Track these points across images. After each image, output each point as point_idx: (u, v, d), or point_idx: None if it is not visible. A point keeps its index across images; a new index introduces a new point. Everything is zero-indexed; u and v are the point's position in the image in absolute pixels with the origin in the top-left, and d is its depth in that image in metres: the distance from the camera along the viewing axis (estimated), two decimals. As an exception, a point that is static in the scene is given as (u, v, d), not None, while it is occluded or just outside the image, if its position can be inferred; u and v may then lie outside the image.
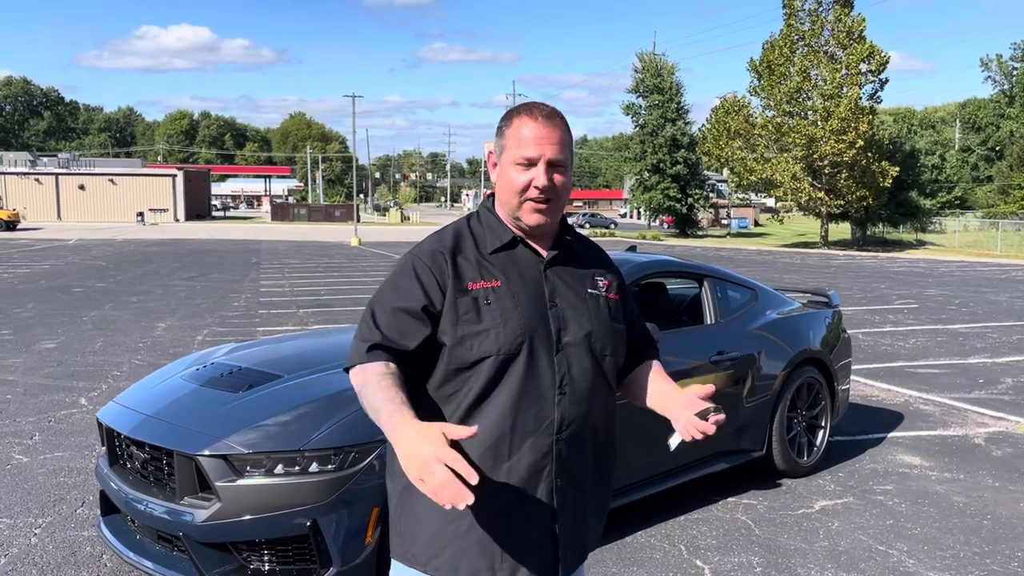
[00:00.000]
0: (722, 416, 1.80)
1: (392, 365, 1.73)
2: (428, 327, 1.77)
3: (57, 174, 57.93)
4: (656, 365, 2.07)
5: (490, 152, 1.92)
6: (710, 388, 1.82)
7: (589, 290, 1.92)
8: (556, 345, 1.82)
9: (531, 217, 1.83)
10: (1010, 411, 7.16)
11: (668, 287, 5.67)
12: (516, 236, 1.87)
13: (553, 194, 1.82)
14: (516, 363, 1.77)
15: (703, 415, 1.78)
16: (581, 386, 1.84)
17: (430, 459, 1.44)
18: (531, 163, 1.80)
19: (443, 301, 1.78)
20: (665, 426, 1.92)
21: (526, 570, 1.79)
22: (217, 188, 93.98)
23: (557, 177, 1.82)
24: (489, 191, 1.98)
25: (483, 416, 1.76)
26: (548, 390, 1.79)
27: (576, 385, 1.83)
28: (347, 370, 1.80)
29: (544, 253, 1.89)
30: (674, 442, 1.85)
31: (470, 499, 1.43)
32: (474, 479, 1.43)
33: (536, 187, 1.80)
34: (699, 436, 1.80)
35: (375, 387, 1.68)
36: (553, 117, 1.83)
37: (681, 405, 1.84)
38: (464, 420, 1.76)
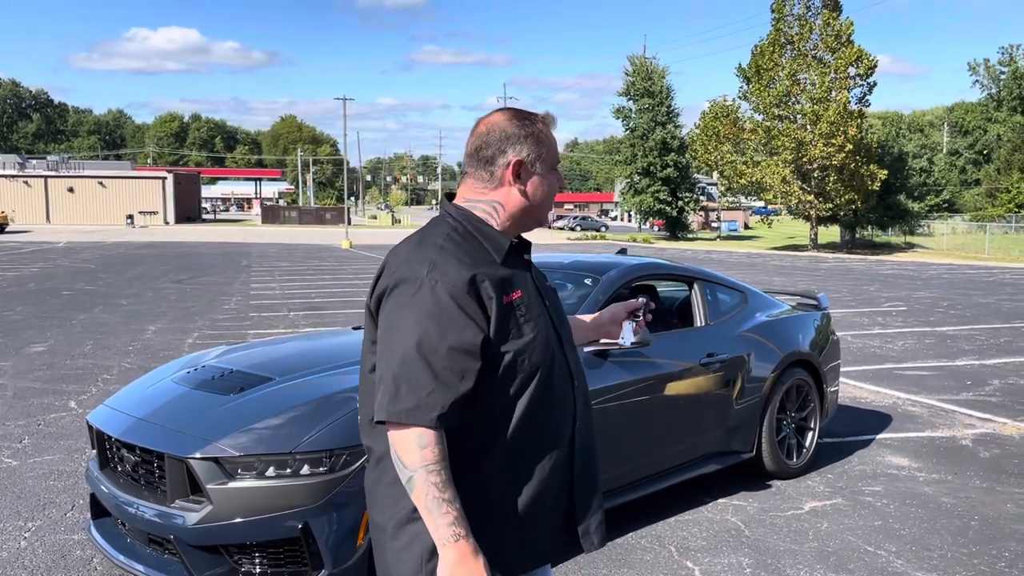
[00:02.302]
0: (653, 305, 2.44)
1: (445, 442, 1.66)
2: (480, 360, 1.69)
3: (46, 176, 57.62)
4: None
5: (520, 161, 1.81)
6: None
7: (547, 283, 2.01)
8: (562, 340, 1.91)
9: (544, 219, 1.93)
10: (997, 412, 7.21)
11: (658, 290, 5.69)
12: (513, 241, 1.85)
13: None
14: (554, 366, 1.83)
15: (645, 311, 2.38)
16: (580, 369, 1.96)
17: None
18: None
19: (489, 325, 1.71)
20: (656, 428, 2.05)
21: (548, 547, 1.89)
22: (207, 191, 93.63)
23: None
24: (447, 195, 1.89)
25: (537, 418, 1.79)
26: (567, 382, 1.89)
27: (579, 370, 1.94)
28: (382, 422, 1.68)
29: (524, 256, 1.92)
30: (629, 340, 2.37)
31: None
32: None
33: (560, 185, 1.89)
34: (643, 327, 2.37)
35: (429, 480, 1.62)
36: None
37: (616, 315, 2.37)
38: (519, 431, 1.77)
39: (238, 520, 3.23)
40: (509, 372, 1.74)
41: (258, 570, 3.32)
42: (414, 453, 1.63)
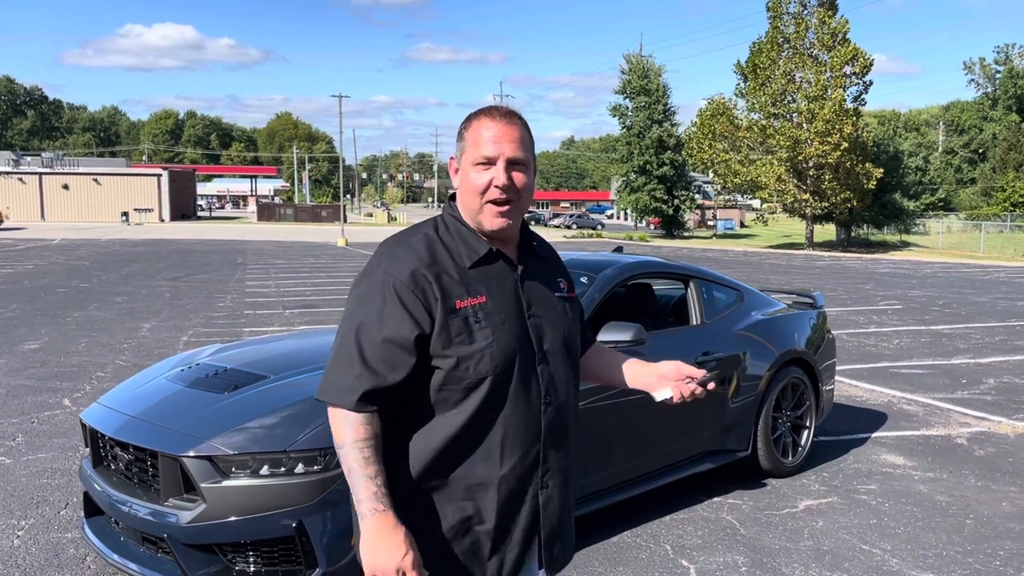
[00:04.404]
0: (713, 385, 2.01)
1: (375, 423, 1.72)
2: (415, 356, 1.72)
3: (41, 173, 57.43)
4: (609, 349, 2.26)
5: (452, 158, 1.90)
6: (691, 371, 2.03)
7: (556, 294, 1.95)
8: (538, 356, 1.84)
9: (493, 221, 1.80)
10: (992, 411, 7.22)
11: (654, 288, 5.69)
12: (492, 248, 1.83)
13: (514, 194, 1.80)
14: (510, 380, 1.78)
15: (704, 382, 1.99)
16: (561, 392, 1.88)
17: (391, 570, 1.62)
18: (490, 162, 1.78)
19: (432, 325, 1.73)
20: (651, 426, 1.99)
21: (511, 567, 1.86)
22: (203, 188, 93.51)
23: (517, 176, 1.80)
24: (450, 196, 1.94)
25: (476, 432, 1.77)
26: (535, 402, 1.83)
27: (558, 392, 1.87)
28: (321, 400, 1.76)
29: (516, 261, 1.88)
30: (661, 396, 2.03)
31: None
32: None
33: (496, 186, 1.78)
34: (688, 397, 2.00)
35: (354, 456, 1.69)
36: (511, 116, 1.83)
37: (666, 372, 2.04)
38: (457, 437, 1.76)
39: (232, 519, 3.21)
40: (450, 378, 1.74)
41: (252, 569, 3.31)
42: (341, 430, 1.71)
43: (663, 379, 2.04)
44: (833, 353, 6.13)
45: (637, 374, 2.12)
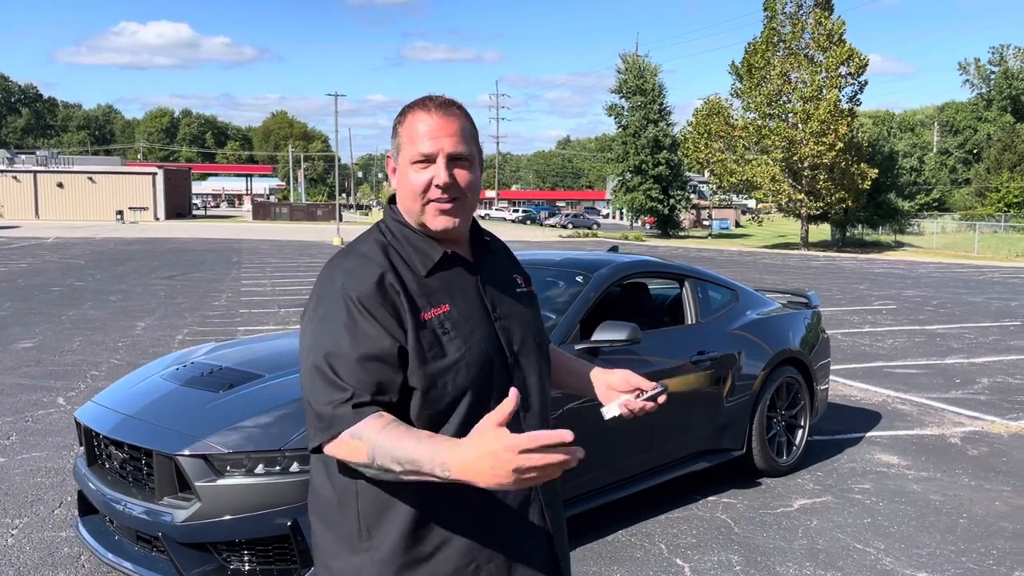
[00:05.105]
0: (664, 397, 1.84)
1: (386, 413, 1.49)
2: (401, 373, 1.54)
3: (35, 172, 57.22)
4: (561, 351, 2.10)
5: (387, 156, 1.73)
6: (639, 381, 1.88)
7: (516, 290, 1.82)
8: (511, 360, 1.71)
9: (437, 221, 1.64)
10: (986, 411, 7.25)
11: (649, 287, 5.70)
12: (447, 252, 1.67)
13: (458, 192, 1.63)
14: (491, 391, 1.63)
15: (654, 397, 1.83)
16: (536, 395, 1.76)
17: (505, 456, 1.30)
18: (429, 159, 1.62)
19: (406, 339, 1.55)
20: (646, 425, 1.95)
21: None
22: (198, 187, 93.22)
23: (460, 173, 1.63)
24: (389, 199, 1.78)
25: None
26: (515, 411, 1.72)
27: (532, 396, 1.75)
28: (316, 450, 1.53)
29: (472, 262, 1.73)
30: (609, 413, 1.85)
31: (580, 453, 1.31)
32: (569, 436, 1.29)
33: (437, 185, 1.61)
34: (639, 413, 1.84)
35: (387, 443, 1.43)
36: (449, 107, 1.65)
37: (614, 383, 1.90)
38: None
39: (227, 517, 3.21)
40: (427, 400, 1.57)
41: (247, 568, 3.31)
42: (355, 446, 1.47)
43: (611, 390, 1.90)
44: (828, 353, 6.14)
45: (587, 381, 1.98)
